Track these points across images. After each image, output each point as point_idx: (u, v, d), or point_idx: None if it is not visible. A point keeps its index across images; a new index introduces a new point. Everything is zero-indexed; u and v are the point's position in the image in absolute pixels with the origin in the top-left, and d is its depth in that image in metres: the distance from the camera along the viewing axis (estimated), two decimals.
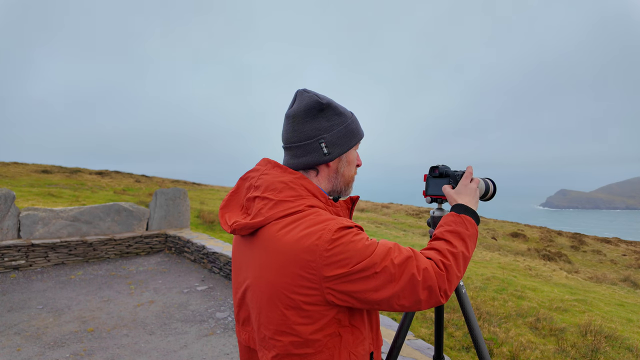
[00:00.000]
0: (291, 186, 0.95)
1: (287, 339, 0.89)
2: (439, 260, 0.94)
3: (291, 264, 0.86)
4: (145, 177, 24.00)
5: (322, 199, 0.99)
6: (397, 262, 0.87)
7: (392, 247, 0.91)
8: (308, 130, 1.00)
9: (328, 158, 1.00)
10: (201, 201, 13.40)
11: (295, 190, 0.95)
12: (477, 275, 6.41)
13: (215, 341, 3.49)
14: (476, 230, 1.09)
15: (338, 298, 0.86)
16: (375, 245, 0.89)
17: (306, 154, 1.01)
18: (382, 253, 0.87)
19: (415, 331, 3.59)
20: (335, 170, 1.04)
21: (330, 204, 1.02)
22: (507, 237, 18.23)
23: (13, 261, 5.47)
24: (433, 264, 0.92)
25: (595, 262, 14.60)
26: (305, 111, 0.99)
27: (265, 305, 0.91)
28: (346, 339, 0.92)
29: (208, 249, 5.83)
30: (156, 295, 4.67)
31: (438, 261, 0.94)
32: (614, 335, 3.85)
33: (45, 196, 10.91)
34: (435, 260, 0.94)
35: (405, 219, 19.12)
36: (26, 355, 3.12)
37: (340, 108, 1.04)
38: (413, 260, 0.89)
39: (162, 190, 7.37)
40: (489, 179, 1.39)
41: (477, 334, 1.28)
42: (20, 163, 21.27)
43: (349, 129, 1.03)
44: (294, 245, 0.86)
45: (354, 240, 0.86)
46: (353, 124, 1.04)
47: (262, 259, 0.92)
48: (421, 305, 0.90)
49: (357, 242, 0.86)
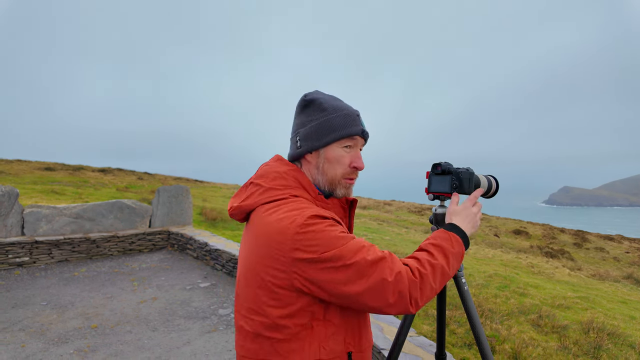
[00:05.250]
0: (284, 176, 1.01)
1: (258, 319, 0.92)
2: (416, 267, 0.91)
3: (264, 245, 0.90)
4: (148, 174, 24.07)
5: (312, 193, 1.02)
6: (369, 259, 0.86)
7: (367, 245, 0.90)
8: (294, 125, 1.09)
9: (299, 151, 1.05)
10: (204, 198, 13.43)
11: (286, 180, 1.00)
12: (480, 273, 6.40)
13: (218, 337, 3.50)
14: (462, 250, 1.05)
15: (304, 285, 0.87)
16: (349, 239, 0.89)
17: (290, 147, 1.09)
18: (355, 248, 0.87)
19: (417, 328, 3.60)
20: (315, 166, 1.04)
21: (319, 200, 1.03)
22: (509, 235, 18.19)
23: (17, 258, 5.50)
24: (408, 270, 0.90)
25: (598, 260, 14.55)
26: (296, 108, 1.09)
27: (243, 283, 0.97)
28: (318, 332, 0.92)
29: (211, 246, 5.84)
30: (159, 292, 4.69)
31: (414, 268, 0.91)
32: (617, 333, 3.84)
33: (48, 193, 10.97)
34: (412, 267, 0.91)
35: (407, 216, 19.11)
36: (30, 351, 3.14)
37: (325, 104, 1.03)
38: (387, 261, 0.88)
39: (164, 188, 7.40)
40: (492, 176, 1.38)
41: (479, 331, 1.28)
42: (23, 160, 21.37)
43: (325, 124, 1.01)
44: (269, 226, 0.90)
45: (327, 229, 0.88)
46: (334, 120, 1.01)
47: (249, 240, 0.98)
48: (390, 310, 0.87)
49: (330, 231, 0.88)
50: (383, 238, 9.82)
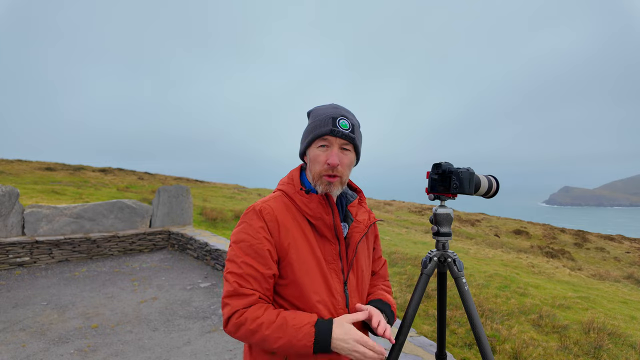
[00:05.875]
0: (288, 174, 1.23)
1: None
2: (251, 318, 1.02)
3: None
4: (148, 174, 24.07)
5: (296, 187, 1.16)
6: (226, 272, 1.09)
7: (238, 262, 1.06)
8: None
9: (299, 153, 1.23)
10: (204, 198, 13.43)
11: (286, 177, 1.22)
12: (480, 273, 6.40)
13: (218, 337, 3.50)
14: (300, 345, 0.98)
15: None
16: (240, 244, 1.08)
17: None
18: (230, 254, 1.10)
19: (417, 328, 3.60)
20: (308, 166, 1.19)
21: (300, 194, 1.14)
22: (510, 235, 18.18)
23: (18, 258, 5.51)
24: (239, 312, 1.03)
25: (599, 260, 14.54)
26: None
27: None
28: None
29: (211, 246, 5.85)
30: (159, 292, 4.69)
31: (249, 318, 1.02)
32: (617, 333, 3.84)
33: (48, 193, 10.97)
34: (248, 314, 1.03)
35: (407, 216, 19.10)
36: (31, 351, 3.14)
37: (314, 112, 1.18)
38: (229, 287, 1.05)
39: (164, 188, 7.40)
40: (492, 176, 1.38)
41: (479, 331, 1.28)
42: (23, 160, 21.38)
43: (307, 129, 1.18)
44: None
45: (243, 223, 1.11)
46: (312, 124, 1.15)
47: None
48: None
49: (240, 224, 1.12)
50: (383, 238, 9.82)
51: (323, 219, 1.12)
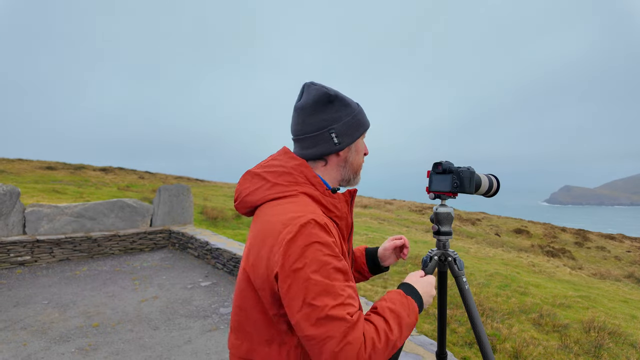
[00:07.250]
0: (291, 172, 0.99)
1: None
2: (371, 338, 0.82)
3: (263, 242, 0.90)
4: (149, 173, 24.11)
5: (320, 188, 1.00)
6: (327, 313, 0.79)
7: (328, 291, 0.81)
8: (318, 122, 1.02)
9: (339, 147, 1.03)
10: (205, 197, 13.45)
11: (293, 177, 0.99)
12: (480, 272, 6.40)
13: (219, 336, 3.51)
14: (416, 319, 0.95)
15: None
16: (318, 271, 0.82)
17: (316, 144, 1.03)
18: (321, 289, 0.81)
19: (418, 327, 3.60)
20: (344, 160, 1.06)
21: (328, 195, 1.01)
22: (510, 234, 18.18)
23: (19, 257, 5.52)
24: (362, 342, 0.80)
25: (599, 259, 14.54)
26: (314, 103, 1.01)
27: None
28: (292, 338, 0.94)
29: (212, 245, 5.85)
30: (160, 291, 4.70)
31: (369, 339, 0.82)
32: (618, 332, 3.84)
33: (49, 192, 10.99)
34: (367, 338, 0.82)
35: (408, 215, 19.11)
36: (32, 350, 3.15)
37: (347, 99, 1.06)
38: (343, 325, 0.79)
39: (165, 187, 7.40)
40: (493, 175, 1.38)
41: (480, 330, 1.28)
42: (24, 159, 21.41)
43: (356, 119, 1.05)
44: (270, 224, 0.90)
45: (312, 243, 0.84)
46: (360, 115, 1.07)
47: (253, 231, 0.97)
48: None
49: (307, 248, 0.84)
50: (384, 237, 9.82)
51: (346, 219, 1.05)
